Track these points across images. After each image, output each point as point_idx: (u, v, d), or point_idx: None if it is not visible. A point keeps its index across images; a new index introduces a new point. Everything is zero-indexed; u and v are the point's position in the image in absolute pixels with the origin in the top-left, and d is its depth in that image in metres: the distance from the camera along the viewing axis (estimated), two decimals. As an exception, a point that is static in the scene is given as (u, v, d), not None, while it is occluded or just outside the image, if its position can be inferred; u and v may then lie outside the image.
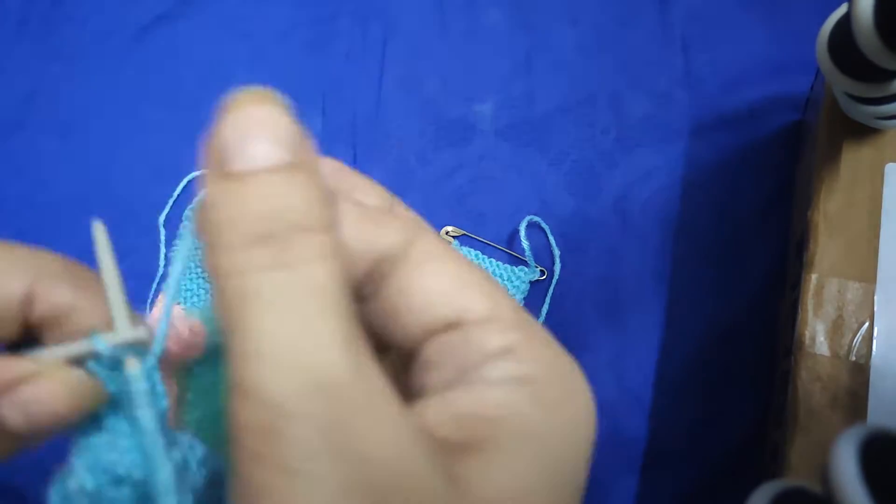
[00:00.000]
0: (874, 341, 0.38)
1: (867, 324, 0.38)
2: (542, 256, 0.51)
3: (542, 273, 0.50)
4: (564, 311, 0.49)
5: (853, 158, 0.40)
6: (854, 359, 0.37)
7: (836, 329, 0.38)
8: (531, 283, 0.50)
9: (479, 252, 0.50)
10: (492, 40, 0.56)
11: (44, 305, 0.20)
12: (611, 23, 0.56)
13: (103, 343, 0.19)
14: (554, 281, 0.50)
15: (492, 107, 0.55)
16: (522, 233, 0.49)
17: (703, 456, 0.46)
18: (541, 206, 0.52)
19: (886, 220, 0.39)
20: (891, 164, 0.40)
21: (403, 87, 0.56)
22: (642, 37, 0.55)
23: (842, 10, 0.37)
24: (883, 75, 0.35)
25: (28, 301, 0.20)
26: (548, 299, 0.49)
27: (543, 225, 0.51)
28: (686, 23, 0.55)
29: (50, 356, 0.19)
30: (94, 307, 0.20)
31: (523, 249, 0.49)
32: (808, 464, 0.36)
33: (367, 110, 0.55)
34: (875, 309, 0.38)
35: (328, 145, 0.55)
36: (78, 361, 0.19)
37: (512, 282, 0.49)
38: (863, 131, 0.40)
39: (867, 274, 0.39)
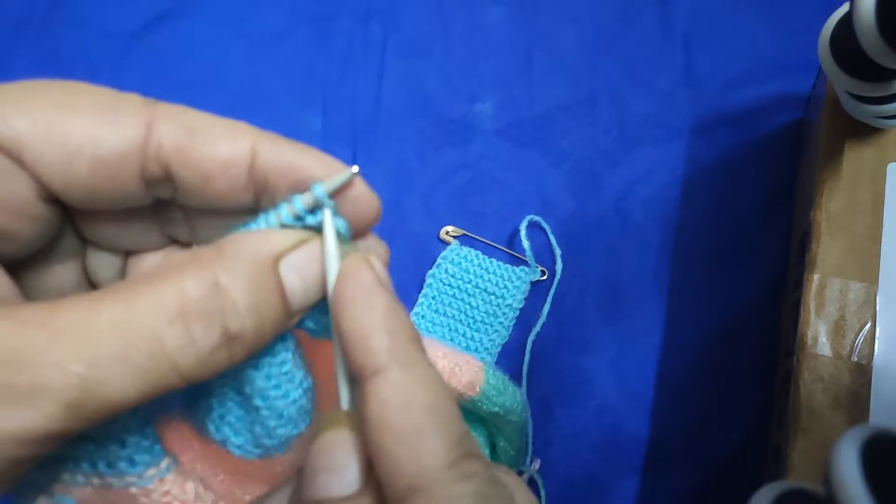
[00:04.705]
0: (876, 341, 0.37)
1: (869, 324, 0.38)
2: (543, 256, 0.50)
3: (543, 273, 0.50)
4: (565, 312, 0.49)
5: (855, 158, 0.40)
6: (856, 359, 0.37)
7: (838, 329, 0.38)
8: (532, 283, 0.49)
9: (479, 252, 0.50)
10: (492, 39, 0.56)
11: (268, 161, 0.22)
12: (611, 21, 0.56)
13: (319, 188, 0.22)
14: (555, 281, 0.49)
15: (492, 106, 0.55)
16: (523, 233, 0.49)
17: (704, 457, 0.46)
18: (541, 206, 0.52)
19: (889, 219, 0.39)
20: (893, 163, 0.40)
21: (403, 87, 0.56)
22: (643, 35, 0.55)
23: (844, 8, 0.36)
24: (885, 74, 0.35)
25: (253, 161, 0.22)
26: (549, 299, 0.49)
27: (544, 224, 0.51)
28: (687, 21, 0.55)
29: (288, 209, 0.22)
30: (315, 163, 0.23)
31: (524, 249, 0.49)
32: (810, 465, 0.36)
33: (367, 110, 0.55)
34: (877, 309, 0.38)
35: (328, 145, 0.55)
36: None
37: (512, 282, 0.49)
38: (865, 131, 0.40)
39: (869, 274, 0.38)
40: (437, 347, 0.39)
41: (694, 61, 0.54)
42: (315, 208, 0.22)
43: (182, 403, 0.25)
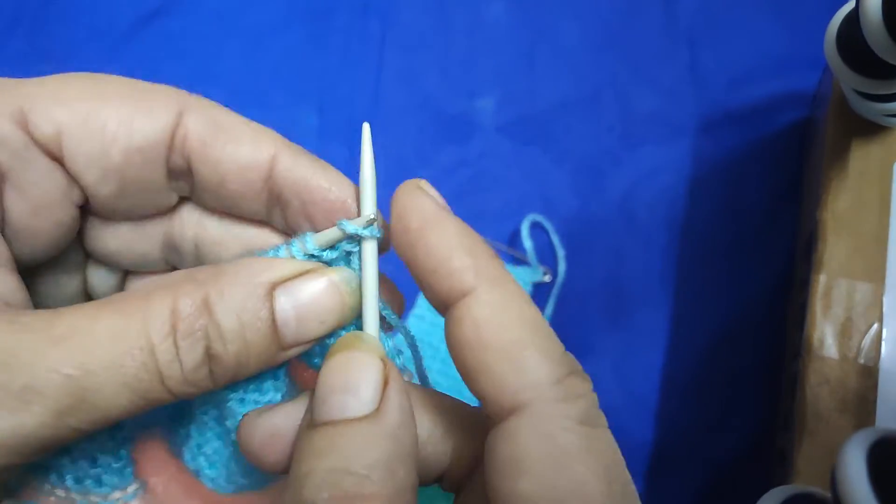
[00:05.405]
0: (883, 343, 0.37)
1: (876, 325, 0.37)
2: (545, 257, 0.50)
3: (545, 273, 0.49)
4: (568, 313, 0.49)
5: (862, 156, 0.40)
6: (863, 361, 0.37)
7: (845, 331, 0.37)
8: (534, 284, 0.49)
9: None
10: (493, 34, 0.56)
11: (285, 176, 0.22)
12: (615, 17, 0.55)
13: (352, 226, 0.22)
14: (558, 282, 0.49)
15: (493, 103, 0.54)
16: (525, 232, 0.49)
17: (709, 460, 0.46)
18: (544, 205, 0.51)
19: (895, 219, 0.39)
20: (900, 162, 0.39)
21: (402, 83, 0.55)
22: (647, 31, 0.54)
23: (850, 5, 0.36)
24: (891, 72, 0.35)
25: (270, 171, 0.22)
26: (552, 301, 0.49)
27: (546, 224, 0.50)
28: (692, 17, 0.54)
29: (317, 240, 0.22)
30: (330, 184, 0.23)
31: (525, 250, 0.48)
32: (816, 469, 0.36)
33: (364, 107, 0.55)
34: (884, 310, 0.37)
35: (325, 143, 0.54)
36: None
37: (514, 282, 0.48)
38: (871, 129, 0.40)
39: (876, 274, 0.38)
40: None
41: (699, 58, 0.53)
42: (333, 245, 0.23)
43: (164, 425, 0.25)
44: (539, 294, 0.49)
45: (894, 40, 0.32)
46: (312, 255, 0.22)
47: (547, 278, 0.49)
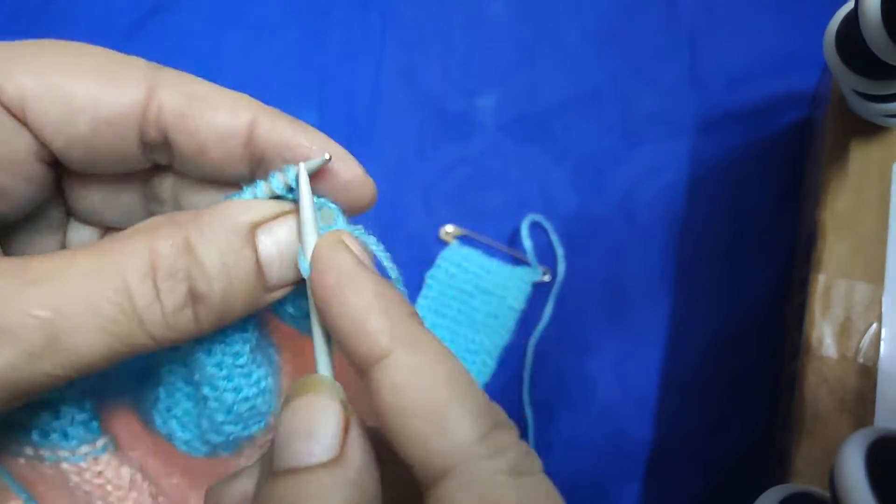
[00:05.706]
0: (882, 343, 0.37)
1: (875, 325, 0.37)
2: (545, 256, 0.50)
3: (545, 273, 0.49)
4: (568, 313, 0.49)
5: (861, 157, 0.40)
6: (862, 361, 0.37)
7: (844, 331, 0.37)
8: (534, 284, 0.49)
9: (480, 252, 0.50)
10: (494, 31, 0.55)
11: (265, 139, 0.22)
12: (616, 15, 0.55)
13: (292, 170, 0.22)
14: (558, 282, 0.49)
15: (494, 100, 0.54)
16: (524, 232, 0.48)
17: (708, 460, 0.46)
18: (544, 205, 0.51)
19: (895, 219, 0.39)
20: (899, 162, 0.39)
21: (402, 80, 0.55)
22: (648, 30, 0.54)
23: (849, 4, 0.36)
24: (891, 72, 0.35)
25: (250, 135, 0.22)
26: (551, 301, 0.49)
27: (546, 224, 0.50)
28: (692, 16, 0.54)
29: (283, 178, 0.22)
30: (310, 142, 0.23)
31: (525, 249, 0.48)
32: (815, 468, 0.36)
33: (364, 104, 0.54)
34: (883, 310, 0.37)
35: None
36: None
37: (514, 282, 0.48)
38: (871, 129, 0.40)
39: (875, 274, 0.38)
40: None
41: (699, 58, 0.53)
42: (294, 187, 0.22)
43: (131, 391, 0.24)
44: (539, 294, 0.49)
45: (894, 41, 0.32)
46: (279, 197, 0.22)
47: (546, 278, 0.49)
